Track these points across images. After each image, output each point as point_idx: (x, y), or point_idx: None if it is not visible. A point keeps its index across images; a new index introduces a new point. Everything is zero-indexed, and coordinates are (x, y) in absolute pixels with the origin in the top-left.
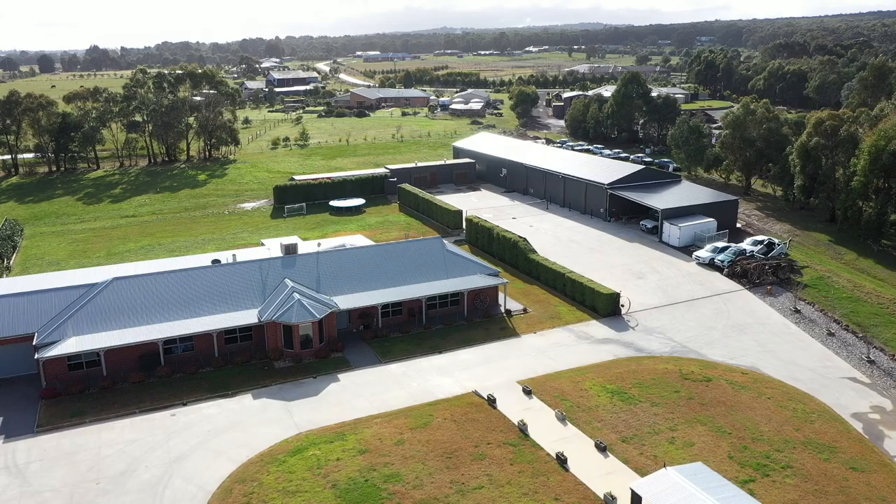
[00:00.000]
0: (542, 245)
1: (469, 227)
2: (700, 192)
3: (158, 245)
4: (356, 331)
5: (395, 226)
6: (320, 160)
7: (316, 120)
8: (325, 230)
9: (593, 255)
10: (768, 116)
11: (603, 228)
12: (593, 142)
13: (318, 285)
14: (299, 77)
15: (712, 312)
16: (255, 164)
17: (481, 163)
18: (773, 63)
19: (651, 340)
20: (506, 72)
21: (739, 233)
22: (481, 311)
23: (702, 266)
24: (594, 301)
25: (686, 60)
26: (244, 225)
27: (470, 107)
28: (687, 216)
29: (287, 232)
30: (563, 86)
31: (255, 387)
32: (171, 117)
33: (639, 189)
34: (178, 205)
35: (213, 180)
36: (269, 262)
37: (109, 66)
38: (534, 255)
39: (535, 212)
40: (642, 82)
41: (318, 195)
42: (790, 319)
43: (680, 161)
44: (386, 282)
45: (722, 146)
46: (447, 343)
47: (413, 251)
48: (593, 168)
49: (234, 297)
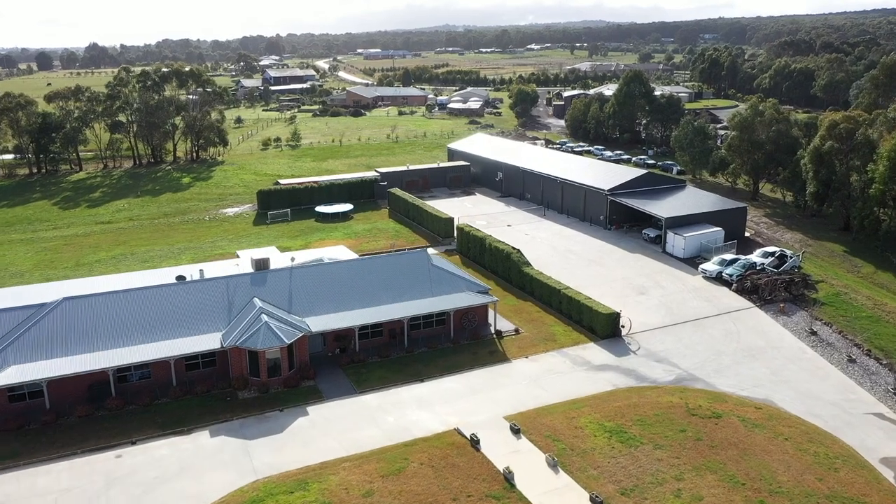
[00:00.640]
0: (537, 256)
1: (460, 236)
2: (706, 198)
3: (131, 254)
4: (331, 354)
5: (383, 234)
6: (311, 162)
7: (310, 119)
8: (308, 238)
9: (592, 267)
10: (777, 118)
11: (603, 237)
12: (594, 142)
13: (289, 305)
14: (296, 75)
15: (721, 334)
16: (242, 165)
17: (477, 165)
18: (779, 61)
19: (654, 367)
20: (507, 70)
21: (748, 243)
22: (469, 332)
23: (708, 280)
24: (592, 321)
25: (689, 58)
26: (224, 232)
27: (468, 106)
28: (692, 225)
29: (268, 240)
30: (565, 84)
31: (214, 421)
32: (156, 117)
33: (641, 195)
34: (158, 210)
35: (198, 183)
36: (236, 280)
37: (108, 64)
38: (528, 269)
39: (531, 219)
40: (645, 81)
41: (304, 200)
42: (806, 343)
43: (684, 164)
44: (365, 300)
45: (729, 149)
46: (430, 370)
47: (395, 266)
48: (593, 172)
49: (196, 319)
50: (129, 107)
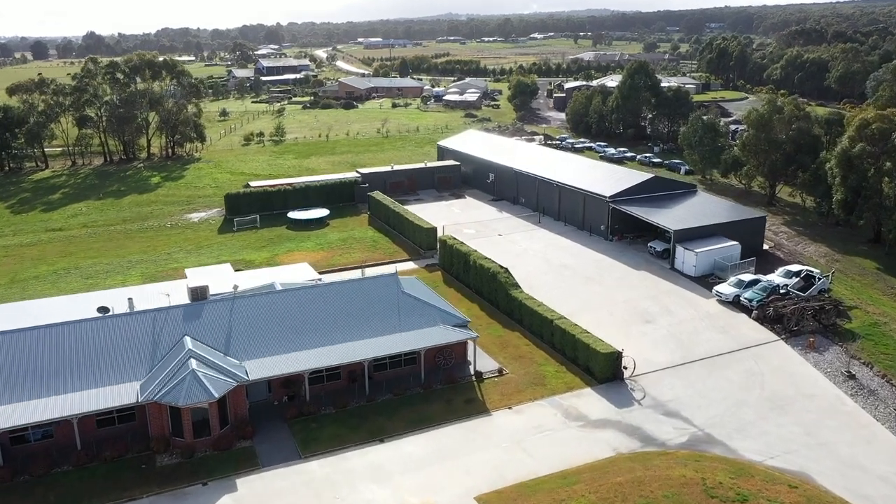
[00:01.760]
0: (528, 272)
1: (443, 250)
2: (720, 206)
3: (75, 269)
4: (277, 403)
5: (359, 244)
6: (292, 159)
7: (299, 112)
8: (276, 249)
9: (590, 286)
10: (798, 114)
11: (603, 250)
12: (596, 138)
13: (227, 344)
14: (290, 65)
15: (741, 377)
16: (219, 163)
17: (468, 165)
18: (791, 51)
19: (662, 423)
20: (508, 59)
21: (767, 258)
22: (444, 374)
23: (724, 304)
24: (589, 360)
25: (696, 48)
26: (184, 242)
27: (465, 98)
28: (705, 238)
29: (231, 252)
30: (567, 74)
31: (119, 500)
32: (126, 111)
33: (646, 202)
34: (117, 215)
35: (167, 184)
36: (166, 314)
37: (105, 53)
38: (516, 293)
39: (524, 226)
40: (651, 73)
41: (277, 204)
42: (843, 389)
43: (693, 163)
44: (320, 337)
45: (743, 148)
46: (394, 424)
47: (358, 294)
48: (593, 176)
49: (115, 364)
50: (98, 100)
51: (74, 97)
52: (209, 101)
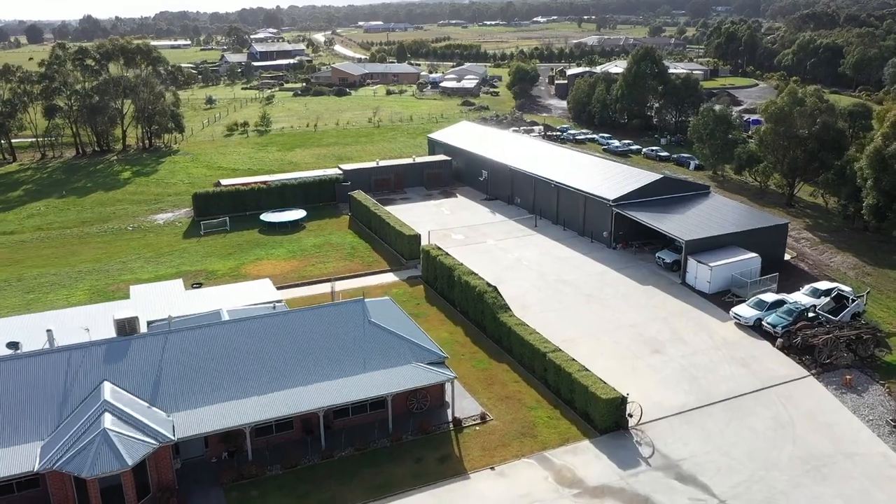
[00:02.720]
0: (521, 288)
1: (426, 261)
2: (736, 211)
3: (18, 281)
4: (216, 460)
5: (336, 251)
6: (276, 152)
7: (290, 99)
8: (243, 257)
9: (591, 306)
10: (821, 107)
11: (606, 260)
12: (599, 129)
13: (155, 392)
14: (284, 49)
15: (768, 426)
16: (197, 156)
17: (460, 160)
18: (803, 36)
19: (675, 493)
20: (510, 43)
21: (790, 270)
22: (417, 421)
23: (743, 329)
24: (588, 405)
25: (703, 32)
26: (143, 248)
27: (463, 85)
28: (720, 249)
29: (193, 260)
30: (570, 60)
31: None
32: (99, 100)
33: (654, 207)
34: (77, 216)
35: (137, 179)
36: (84, 353)
37: (102, 37)
38: (505, 317)
39: (519, 231)
40: (657, 59)
41: (250, 204)
42: (890, 444)
43: (704, 158)
44: (270, 380)
45: (761, 144)
46: (351, 492)
47: (317, 326)
48: (596, 175)
49: (15, 418)
50: (68, 88)
51: (44, 85)
52: (198, 88)
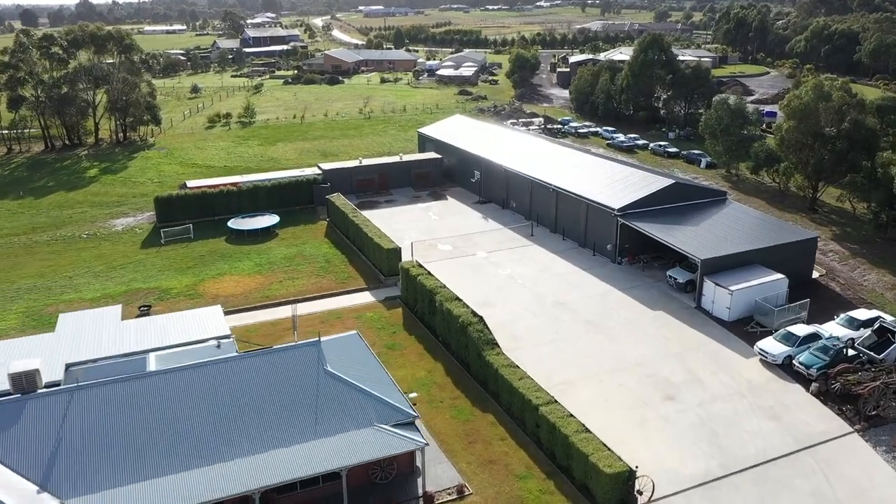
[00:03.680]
0: (512, 314)
1: (405, 280)
2: (757, 223)
3: None
4: None
5: (309, 265)
6: (257, 146)
7: (279, 88)
8: (204, 271)
9: (593, 337)
10: (850, 102)
11: (610, 277)
12: (603, 122)
13: (49, 469)
14: (277, 35)
15: None
16: (172, 151)
17: (452, 157)
18: (817, 21)
19: None
20: (512, 29)
21: (819, 292)
22: (379, 497)
23: (770, 368)
24: (588, 477)
25: (710, 17)
26: (95, 260)
27: (460, 73)
28: (740, 269)
29: (148, 275)
30: (573, 46)
31: None
32: (68, 91)
33: (665, 216)
34: (30, 221)
35: (103, 178)
36: None
37: (98, 22)
38: (491, 355)
39: (513, 241)
40: (666, 47)
41: (219, 208)
42: None
43: (716, 155)
44: (196, 451)
45: (782, 143)
46: None
47: (262, 377)
48: (599, 179)
49: None
50: (34, 78)
51: (9, 74)
52: (186, 76)
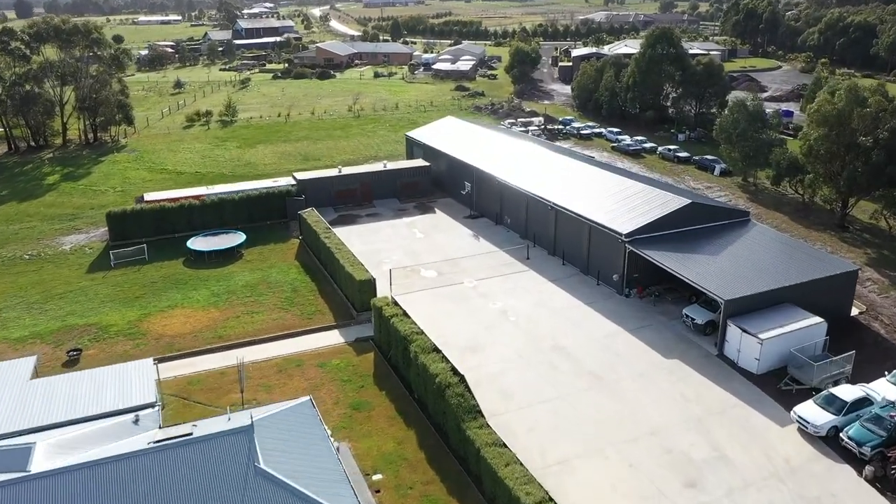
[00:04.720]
0: (502, 362)
1: (378, 320)
2: (787, 251)
3: None
4: None
5: (273, 294)
6: (234, 148)
7: (267, 83)
8: (151, 304)
9: (596, 395)
10: (888, 108)
11: (616, 314)
12: (607, 121)
13: None
14: (270, 26)
15: None
16: (143, 153)
17: (442, 164)
18: (831, 13)
19: None
20: (513, 19)
21: (860, 333)
22: None
23: (811, 440)
24: None
25: (718, 8)
26: (32, 288)
27: (457, 67)
28: (770, 310)
29: (88, 307)
30: (576, 38)
31: None
32: (31, 89)
33: (680, 243)
34: None
35: (63, 185)
36: None
37: (94, 12)
38: (473, 429)
39: (506, 266)
40: (675, 41)
41: (180, 225)
42: None
43: (732, 162)
44: None
45: (809, 154)
46: None
47: (176, 476)
48: (605, 197)
49: None
50: None
51: None
52: (173, 69)
